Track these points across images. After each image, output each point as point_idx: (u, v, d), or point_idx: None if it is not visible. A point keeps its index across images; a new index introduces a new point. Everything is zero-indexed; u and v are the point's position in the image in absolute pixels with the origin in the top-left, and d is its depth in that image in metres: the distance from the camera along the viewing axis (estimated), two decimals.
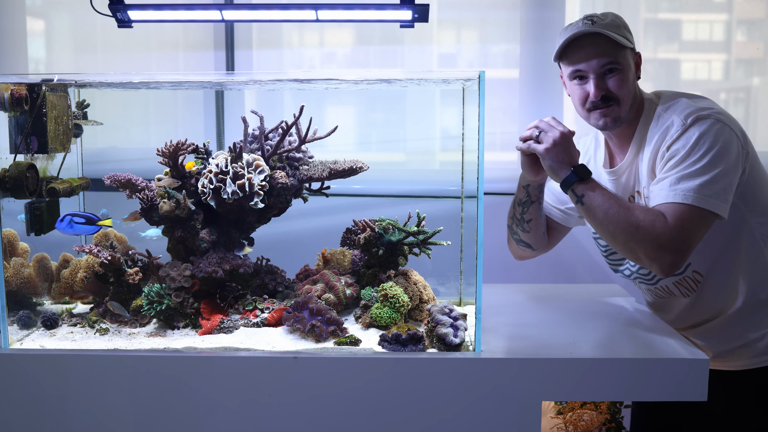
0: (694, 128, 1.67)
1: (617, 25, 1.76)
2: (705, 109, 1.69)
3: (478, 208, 1.65)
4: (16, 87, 1.81)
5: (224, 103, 2.88)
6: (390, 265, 1.98)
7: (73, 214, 1.83)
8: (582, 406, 2.08)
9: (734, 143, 1.67)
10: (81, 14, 2.92)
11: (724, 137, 1.65)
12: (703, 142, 1.64)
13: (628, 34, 1.78)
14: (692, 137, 1.66)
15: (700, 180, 1.62)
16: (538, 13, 2.83)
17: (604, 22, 1.75)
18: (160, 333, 1.83)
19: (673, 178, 1.65)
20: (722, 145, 1.64)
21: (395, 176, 2.85)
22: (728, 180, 1.64)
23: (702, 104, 1.72)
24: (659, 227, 1.62)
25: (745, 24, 2.92)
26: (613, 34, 1.73)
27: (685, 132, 1.67)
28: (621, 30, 1.77)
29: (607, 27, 1.74)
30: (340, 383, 1.61)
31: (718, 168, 1.63)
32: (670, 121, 1.72)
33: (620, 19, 1.80)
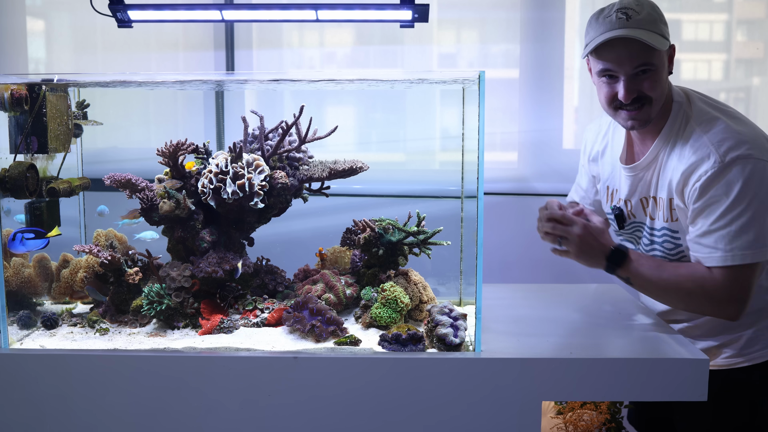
0: (735, 172, 1.60)
1: (653, 20, 1.65)
2: (743, 144, 1.61)
3: (478, 208, 1.65)
4: (16, 87, 1.81)
5: (224, 103, 2.88)
6: (390, 265, 1.98)
7: (22, 231, 1.82)
8: (582, 406, 2.08)
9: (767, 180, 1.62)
10: (81, 14, 2.92)
11: (763, 179, 1.61)
12: (747, 190, 1.59)
13: (664, 27, 1.68)
14: (735, 184, 1.60)
15: (751, 234, 1.60)
16: (538, 13, 2.83)
17: (640, 17, 1.64)
18: (160, 333, 1.83)
19: (723, 235, 1.62)
20: (764, 190, 1.60)
21: (395, 176, 2.86)
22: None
23: (739, 132, 1.64)
24: (710, 288, 1.64)
25: (745, 24, 2.92)
26: (648, 37, 1.62)
27: (725, 174, 1.61)
28: (657, 26, 1.66)
29: (643, 24, 1.63)
30: (340, 383, 1.61)
31: (762, 216, 1.60)
32: (706, 151, 1.64)
33: (656, 10, 1.68)
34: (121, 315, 1.91)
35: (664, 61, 1.69)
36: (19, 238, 1.80)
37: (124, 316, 1.90)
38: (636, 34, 1.62)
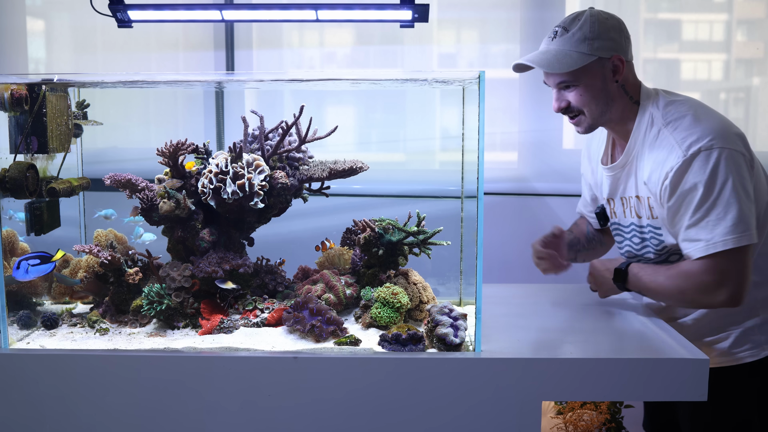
0: (699, 163, 1.64)
1: (578, 39, 1.73)
2: (705, 136, 1.65)
3: (478, 208, 1.65)
4: (16, 87, 1.81)
5: (224, 103, 2.88)
6: (390, 265, 1.98)
7: (26, 258, 1.82)
8: (582, 406, 2.09)
9: (743, 165, 1.65)
10: (81, 14, 2.92)
11: (729, 166, 1.63)
12: (714, 178, 1.63)
13: (594, 43, 1.73)
14: (702, 176, 1.63)
15: (729, 220, 1.62)
16: (538, 13, 2.83)
17: (567, 34, 1.74)
18: (160, 333, 1.83)
19: (702, 226, 1.65)
20: (735, 175, 1.63)
21: (395, 176, 2.86)
22: (749, 205, 1.65)
23: (702, 125, 1.68)
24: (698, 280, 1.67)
25: (745, 24, 2.92)
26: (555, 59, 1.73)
27: (690, 167, 1.65)
28: (581, 44, 1.73)
29: (563, 43, 1.74)
30: (340, 383, 1.61)
31: (739, 199, 1.62)
32: (671, 148, 1.69)
33: (592, 26, 1.74)
34: (121, 315, 1.91)
35: (596, 74, 1.76)
36: (24, 266, 1.81)
37: (124, 316, 1.90)
38: (537, 60, 1.75)
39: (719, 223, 1.63)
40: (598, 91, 1.77)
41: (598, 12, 1.77)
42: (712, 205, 1.64)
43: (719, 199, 1.63)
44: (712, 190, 1.63)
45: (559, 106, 1.81)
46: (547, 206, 2.82)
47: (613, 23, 1.76)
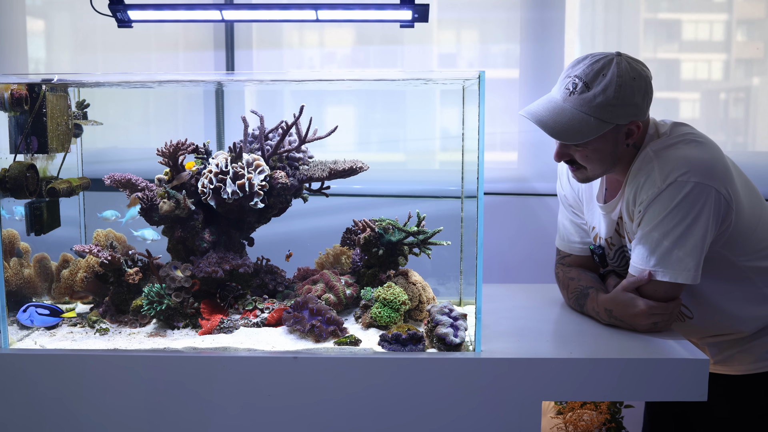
0: (672, 191, 1.59)
1: (599, 104, 1.60)
2: (686, 167, 1.60)
3: (478, 208, 1.65)
4: (16, 87, 1.81)
5: (224, 103, 2.88)
6: (390, 265, 1.98)
7: (36, 305, 1.83)
8: (582, 406, 2.09)
9: (711, 206, 1.59)
10: (81, 14, 2.92)
11: (700, 201, 1.58)
12: (680, 208, 1.59)
13: (612, 110, 1.61)
14: (671, 203, 1.59)
15: (673, 255, 1.60)
16: (538, 13, 2.83)
17: (587, 94, 1.60)
18: (160, 333, 1.83)
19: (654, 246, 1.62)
20: (697, 212, 1.58)
21: (395, 176, 2.86)
22: (701, 248, 1.61)
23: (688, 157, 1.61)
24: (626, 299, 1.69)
25: (745, 24, 2.92)
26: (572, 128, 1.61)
27: (663, 194, 1.61)
28: (599, 110, 1.60)
29: (581, 105, 1.60)
30: (340, 383, 1.61)
31: (691, 239, 1.59)
32: (649, 175, 1.65)
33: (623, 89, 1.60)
34: (121, 315, 1.91)
35: (606, 140, 1.66)
36: (31, 312, 1.81)
37: (124, 316, 1.90)
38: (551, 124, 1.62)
39: (670, 252, 1.60)
40: (606, 154, 1.68)
41: (626, 68, 1.61)
42: (666, 233, 1.60)
43: (674, 229, 1.59)
44: (674, 218, 1.59)
45: (560, 159, 1.73)
46: (547, 206, 2.82)
47: (640, 84, 1.63)
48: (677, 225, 1.59)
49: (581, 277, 1.92)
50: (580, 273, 1.94)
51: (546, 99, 1.68)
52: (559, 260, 2.02)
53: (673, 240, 1.60)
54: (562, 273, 1.98)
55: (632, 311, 1.69)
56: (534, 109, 1.68)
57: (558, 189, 2.01)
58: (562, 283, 1.98)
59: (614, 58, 1.62)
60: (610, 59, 1.62)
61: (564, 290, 1.97)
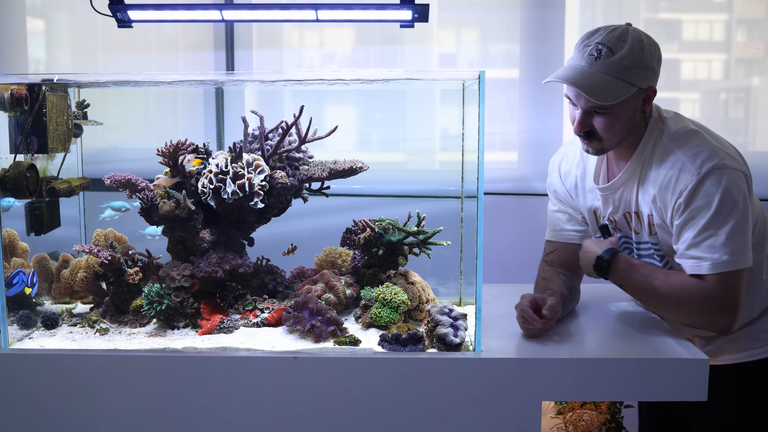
0: (712, 182, 1.62)
1: (624, 67, 1.63)
2: (716, 155, 1.63)
3: (478, 208, 1.65)
4: (16, 87, 1.81)
5: (224, 103, 2.88)
6: (390, 265, 1.98)
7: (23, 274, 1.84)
8: (582, 406, 2.09)
9: (743, 188, 1.64)
10: (81, 14, 2.92)
11: (740, 187, 1.62)
12: (727, 198, 1.61)
13: (637, 72, 1.64)
14: (715, 195, 1.61)
15: (736, 242, 1.61)
16: (538, 13, 2.83)
17: (612, 58, 1.63)
18: (160, 333, 1.83)
19: (710, 245, 1.62)
20: (741, 198, 1.62)
21: (395, 176, 2.86)
22: (749, 229, 1.64)
23: (711, 144, 1.66)
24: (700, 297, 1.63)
25: (745, 24, 2.92)
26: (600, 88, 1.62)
27: (703, 185, 1.62)
28: (627, 72, 1.63)
29: (608, 68, 1.62)
30: (340, 383, 1.61)
31: (743, 223, 1.62)
32: (682, 166, 1.66)
33: (638, 53, 1.64)
34: (121, 315, 1.91)
35: (627, 105, 1.67)
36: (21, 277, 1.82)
37: (124, 316, 1.90)
38: (585, 85, 1.62)
39: (727, 244, 1.61)
40: (626, 120, 1.69)
41: (639, 35, 1.66)
42: (721, 225, 1.61)
43: (728, 220, 1.61)
44: (723, 210, 1.61)
45: (582, 129, 1.71)
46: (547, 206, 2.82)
47: (655, 50, 1.68)
48: (730, 214, 1.61)
49: (552, 279, 1.91)
50: (553, 275, 1.93)
51: (570, 67, 1.68)
52: (544, 256, 2.01)
53: (733, 230, 1.61)
54: (541, 270, 1.98)
55: None
56: (562, 73, 1.67)
57: (548, 183, 2.00)
58: (536, 280, 1.97)
59: (628, 28, 1.67)
60: (625, 28, 1.66)
61: (535, 286, 1.96)
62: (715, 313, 1.64)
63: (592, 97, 1.63)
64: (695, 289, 1.64)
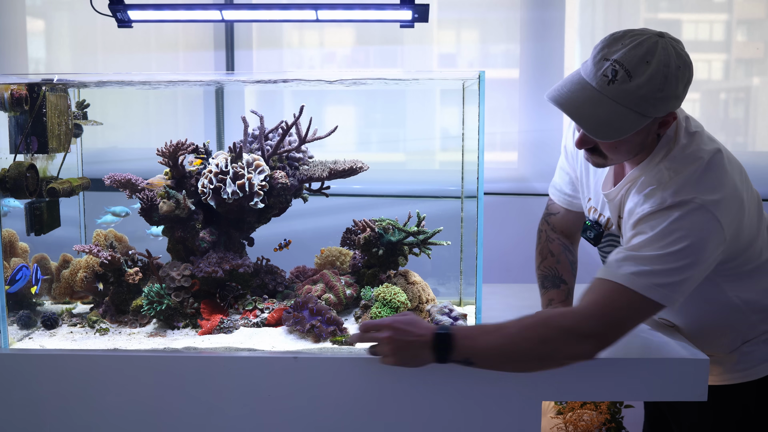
0: (671, 213, 1.44)
1: (639, 97, 1.40)
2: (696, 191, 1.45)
3: (478, 208, 1.65)
4: (16, 87, 1.81)
5: (224, 103, 2.88)
6: (390, 265, 1.98)
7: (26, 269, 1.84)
8: (582, 406, 2.09)
9: (712, 237, 1.44)
10: (81, 14, 2.92)
11: (700, 230, 1.43)
12: (672, 231, 1.43)
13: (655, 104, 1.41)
14: (663, 222, 1.44)
15: (653, 267, 1.43)
16: (538, 13, 2.83)
17: (628, 85, 1.40)
18: (160, 333, 1.83)
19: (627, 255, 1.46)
20: (694, 239, 1.42)
21: (395, 176, 2.86)
22: (688, 273, 1.44)
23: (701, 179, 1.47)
24: (571, 317, 1.46)
25: (745, 24, 2.92)
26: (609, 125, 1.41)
27: (659, 213, 1.46)
28: (641, 104, 1.41)
29: (620, 97, 1.40)
30: (340, 383, 1.61)
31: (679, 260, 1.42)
32: (659, 189, 1.49)
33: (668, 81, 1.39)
34: (121, 315, 1.91)
35: (641, 132, 1.48)
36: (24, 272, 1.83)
37: (124, 316, 1.90)
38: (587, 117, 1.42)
39: (645, 265, 1.43)
40: (636, 144, 1.51)
41: (667, 57, 1.41)
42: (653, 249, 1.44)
43: (663, 248, 1.43)
44: (664, 239, 1.43)
45: (583, 146, 1.53)
46: None
47: (684, 74, 1.43)
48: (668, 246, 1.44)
49: (562, 262, 1.82)
50: (562, 253, 1.83)
51: (578, 84, 1.46)
52: (546, 215, 1.93)
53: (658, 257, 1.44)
54: (545, 235, 1.89)
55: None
56: (566, 95, 1.46)
57: (563, 139, 1.88)
58: (541, 247, 1.88)
59: (658, 41, 1.41)
60: (653, 42, 1.41)
61: (538, 255, 1.88)
62: (586, 327, 1.44)
63: (593, 136, 1.45)
64: (563, 314, 1.49)
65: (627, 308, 1.45)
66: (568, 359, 1.51)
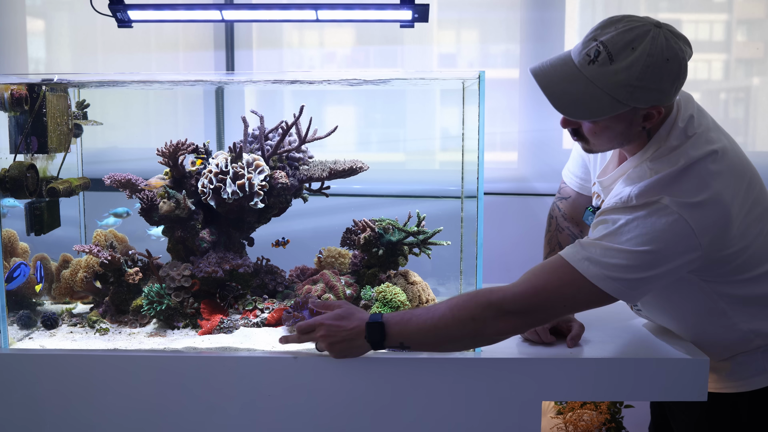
0: (636, 210, 1.41)
1: (614, 82, 1.37)
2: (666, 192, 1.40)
3: (478, 208, 1.65)
4: (16, 87, 1.81)
5: (224, 103, 2.88)
6: (390, 265, 1.98)
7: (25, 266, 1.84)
8: (582, 406, 2.09)
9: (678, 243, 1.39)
10: (81, 14, 2.92)
11: (665, 236, 1.38)
12: (632, 228, 1.40)
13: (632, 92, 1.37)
14: (627, 217, 1.41)
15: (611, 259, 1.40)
16: (538, 13, 2.83)
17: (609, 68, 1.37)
18: (160, 333, 1.83)
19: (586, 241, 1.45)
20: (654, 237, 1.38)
21: (395, 176, 2.85)
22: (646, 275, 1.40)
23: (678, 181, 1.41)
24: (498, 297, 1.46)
25: (745, 24, 2.92)
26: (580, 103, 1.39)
27: (625, 208, 1.43)
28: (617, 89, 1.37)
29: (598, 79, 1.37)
30: (340, 383, 1.61)
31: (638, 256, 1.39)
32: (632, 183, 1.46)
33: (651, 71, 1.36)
34: (121, 315, 1.91)
35: (619, 119, 1.44)
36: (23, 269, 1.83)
37: (124, 316, 1.90)
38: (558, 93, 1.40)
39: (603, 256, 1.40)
40: (617, 134, 1.47)
41: (661, 46, 1.36)
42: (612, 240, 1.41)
43: (623, 243, 1.40)
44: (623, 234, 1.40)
45: (566, 126, 1.52)
46: (547, 206, 2.80)
47: (673, 68, 1.38)
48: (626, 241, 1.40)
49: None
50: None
51: (562, 60, 1.45)
52: (558, 199, 1.90)
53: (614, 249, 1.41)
54: (556, 223, 1.86)
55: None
56: (547, 68, 1.45)
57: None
58: (550, 237, 1.86)
59: (651, 30, 1.37)
60: (646, 30, 1.37)
61: (546, 245, 1.87)
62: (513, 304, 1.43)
63: (560, 111, 1.43)
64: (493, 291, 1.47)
65: (568, 289, 1.44)
66: (498, 335, 1.51)
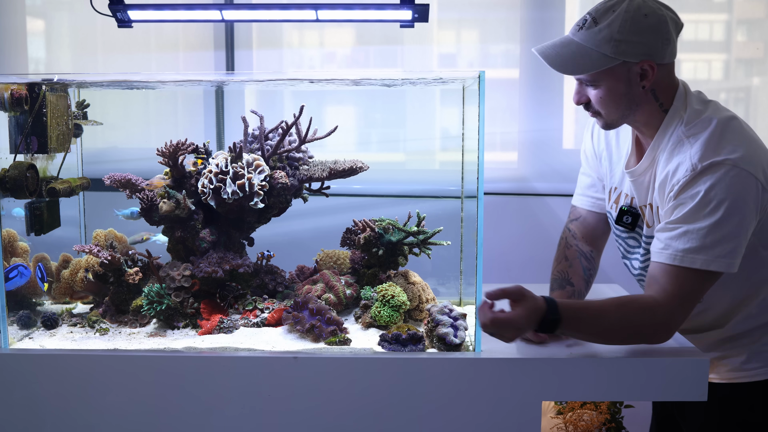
0: (705, 178, 1.52)
1: (604, 38, 1.55)
2: (721, 151, 1.52)
3: (478, 208, 1.65)
4: (16, 87, 1.81)
5: (224, 102, 2.88)
6: (390, 265, 1.98)
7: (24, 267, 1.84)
8: (582, 406, 2.09)
9: (750, 192, 1.52)
10: (81, 14, 2.92)
11: (738, 188, 1.50)
12: (714, 196, 1.50)
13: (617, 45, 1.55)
14: (701, 189, 1.51)
15: (707, 239, 1.51)
16: (538, 13, 2.83)
17: (595, 28, 1.56)
18: (160, 333, 1.83)
19: (680, 234, 1.53)
20: (735, 198, 1.50)
21: (395, 176, 2.85)
22: (738, 234, 1.52)
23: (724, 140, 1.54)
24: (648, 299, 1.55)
25: (745, 24, 2.92)
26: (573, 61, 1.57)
27: (695, 180, 1.53)
28: (603, 45, 1.55)
29: (587, 38, 1.57)
30: (340, 383, 1.61)
31: (729, 225, 1.50)
32: (684, 157, 1.56)
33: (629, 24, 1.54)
34: (121, 315, 1.91)
35: (616, 79, 1.59)
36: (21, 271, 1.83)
37: (124, 316, 1.90)
38: (553, 55, 1.59)
39: (697, 239, 1.51)
40: (619, 95, 1.61)
41: (638, 5, 1.55)
42: (702, 219, 1.52)
43: (711, 215, 1.51)
44: (708, 204, 1.51)
45: (579, 100, 1.66)
46: (547, 206, 2.82)
47: (652, 22, 1.55)
48: (714, 210, 1.51)
49: (574, 265, 1.88)
50: (575, 258, 1.89)
51: (559, 38, 1.65)
52: (568, 222, 1.98)
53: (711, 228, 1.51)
54: (564, 240, 1.95)
55: None
56: (546, 45, 1.64)
57: (582, 144, 1.96)
58: (558, 254, 1.93)
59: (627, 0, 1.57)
60: None
61: (554, 262, 1.93)
62: (659, 309, 1.54)
63: (554, 68, 1.60)
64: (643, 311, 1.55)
65: (692, 286, 1.55)
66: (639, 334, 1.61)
